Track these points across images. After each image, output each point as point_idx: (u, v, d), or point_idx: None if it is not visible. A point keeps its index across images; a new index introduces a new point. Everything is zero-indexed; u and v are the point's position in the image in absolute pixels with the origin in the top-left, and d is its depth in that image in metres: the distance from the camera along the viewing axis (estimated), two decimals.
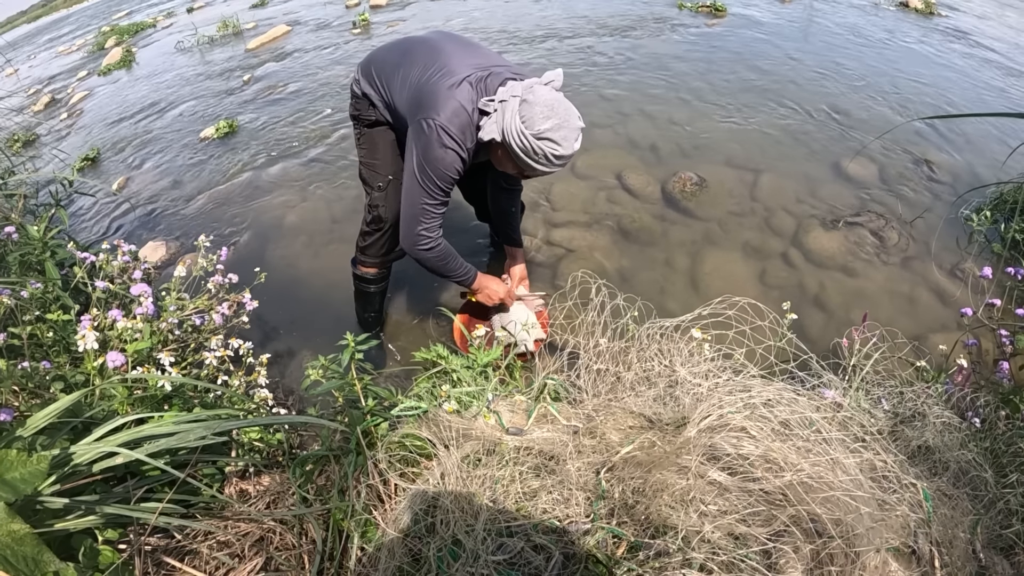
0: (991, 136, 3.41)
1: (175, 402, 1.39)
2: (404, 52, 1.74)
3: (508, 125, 1.51)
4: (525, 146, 1.51)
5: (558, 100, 1.51)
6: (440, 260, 1.76)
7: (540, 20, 5.81)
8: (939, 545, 1.06)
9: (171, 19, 10.02)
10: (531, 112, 1.48)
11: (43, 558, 0.77)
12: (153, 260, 2.91)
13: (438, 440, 1.27)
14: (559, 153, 1.51)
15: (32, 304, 1.69)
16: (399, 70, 1.70)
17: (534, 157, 1.52)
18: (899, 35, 5.12)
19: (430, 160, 1.58)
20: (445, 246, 1.75)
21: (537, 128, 1.48)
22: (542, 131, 1.48)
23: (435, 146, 1.56)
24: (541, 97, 1.49)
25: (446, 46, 1.69)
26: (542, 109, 1.48)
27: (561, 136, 1.49)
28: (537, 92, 1.51)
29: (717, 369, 1.40)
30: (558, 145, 1.49)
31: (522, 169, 1.61)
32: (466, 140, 1.58)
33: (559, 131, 1.48)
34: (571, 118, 1.51)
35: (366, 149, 1.92)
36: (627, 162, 3.20)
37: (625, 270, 2.52)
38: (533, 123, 1.48)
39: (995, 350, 1.93)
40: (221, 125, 4.36)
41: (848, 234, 2.61)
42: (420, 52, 1.70)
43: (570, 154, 1.53)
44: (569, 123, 1.50)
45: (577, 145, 1.54)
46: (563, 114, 1.50)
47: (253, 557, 1.12)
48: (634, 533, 1.08)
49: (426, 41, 1.75)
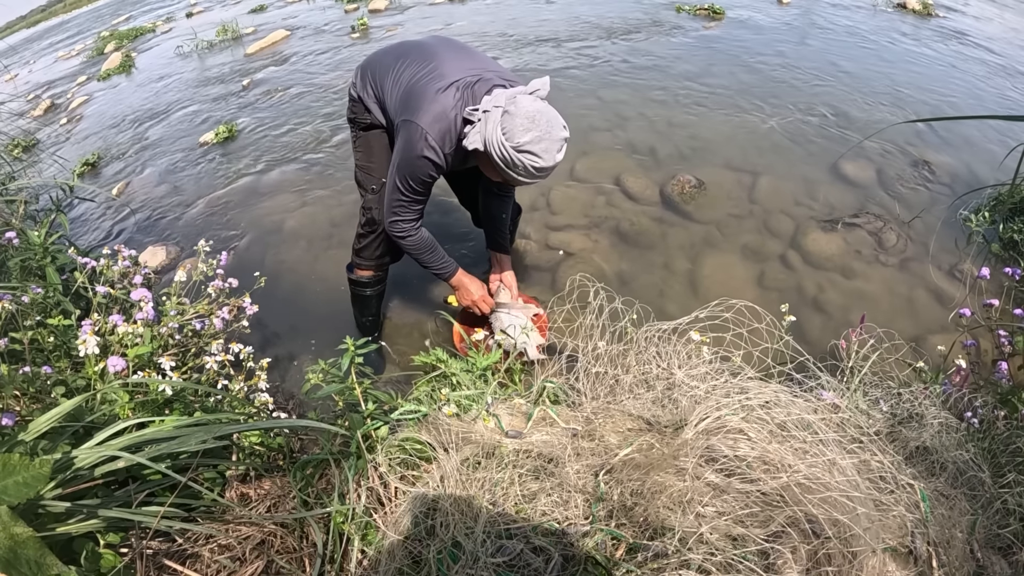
0: (989, 137, 3.42)
1: (176, 406, 1.39)
2: (399, 55, 1.76)
3: (489, 136, 1.50)
4: (505, 157, 1.50)
5: (540, 111, 1.49)
6: (417, 250, 1.82)
7: (538, 23, 5.82)
8: (937, 545, 1.06)
9: (170, 24, 10.04)
10: (512, 124, 1.47)
11: (46, 561, 0.78)
12: (153, 265, 2.92)
13: (438, 443, 1.28)
14: (539, 165, 1.49)
15: (33, 309, 1.70)
16: (392, 71, 1.73)
17: (514, 169, 1.52)
18: (897, 36, 5.14)
19: (407, 160, 1.61)
20: (423, 238, 1.80)
21: (517, 140, 1.46)
22: (522, 144, 1.46)
23: (413, 148, 1.58)
24: (523, 109, 1.48)
25: (441, 50, 1.72)
26: (523, 121, 1.46)
27: (541, 148, 1.47)
28: (519, 103, 1.49)
29: (715, 371, 1.40)
30: (538, 158, 1.48)
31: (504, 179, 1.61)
32: (444, 145, 1.59)
33: (539, 143, 1.47)
34: (553, 130, 1.49)
35: (362, 152, 1.94)
36: (626, 165, 3.21)
37: (624, 273, 2.52)
38: (513, 135, 1.47)
39: (994, 350, 1.94)
40: (220, 130, 4.37)
41: (846, 236, 2.62)
42: (414, 55, 1.72)
43: (551, 166, 1.52)
44: (551, 135, 1.48)
45: (559, 156, 1.52)
46: (544, 126, 1.47)
47: (254, 560, 1.13)
48: (633, 535, 1.09)
49: (422, 45, 1.78)
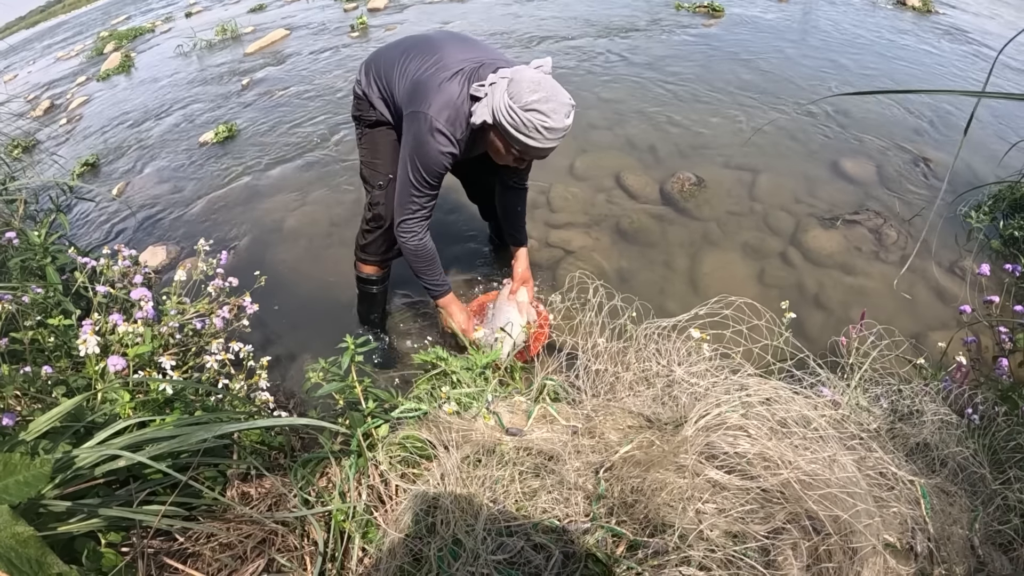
0: (989, 133, 3.41)
1: (176, 405, 1.39)
2: (404, 49, 1.77)
3: (497, 103, 1.54)
4: (514, 120, 1.53)
5: (544, 78, 1.54)
6: (417, 257, 1.79)
7: (538, 22, 5.82)
8: (937, 541, 1.06)
9: (170, 24, 10.05)
10: (518, 88, 1.51)
11: (46, 560, 0.78)
12: (153, 264, 2.92)
13: (438, 441, 1.28)
14: (549, 124, 1.52)
15: (33, 309, 1.70)
16: (398, 65, 1.74)
17: (524, 131, 1.54)
18: (897, 33, 5.13)
19: (420, 151, 1.62)
20: (427, 246, 1.79)
21: (524, 100, 1.50)
22: (529, 103, 1.50)
23: (425, 137, 1.59)
24: (527, 75, 1.53)
25: (445, 42, 1.74)
26: (528, 84, 1.51)
27: (550, 108, 1.51)
28: (523, 71, 1.54)
29: (715, 368, 1.40)
30: (547, 117, 1.51)
31: (519, 152, 1.62)
32: (456, 131, 1.61)
33: (547, 103, 1.50)
34: (559, 94, 1.53)
35: (367, 149, 1.94)
36: (625, 163, 3.21)
37: (624, 271, 2.52)
38: (520, 96, 1.50)
39: (994, 347, 1.94)
40: (220, 129, 4.37)
41: (847, 233, 2.62)
42: (419, 48, 1.74)
43: (561, 127, 1.54)
44: (557, 98, 1.52)
45: (568, 121, 1.55)
46: (550, 89, 1.52)
47: (255, 559, 1.13)
48: (633, 532, 1.09)
49: (426, 38, 1.79)
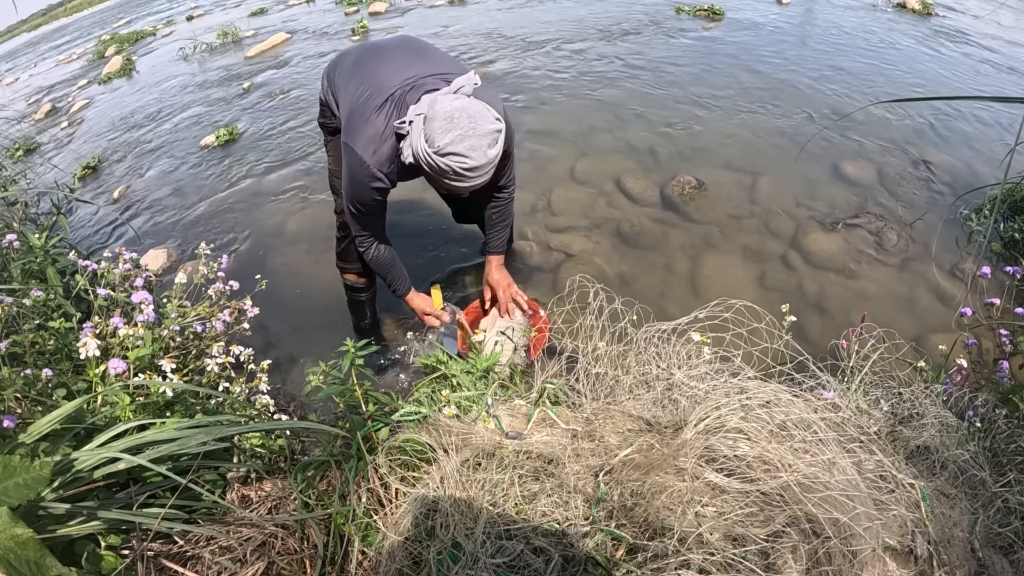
0: (989, 135, 3.42)
1: (177, 408, 1.40)
2: (355, 61, 1.72)
3: (415, 147, 1.44)
4: (432, 165, 1.42)
5: (460, 109, 1.38)
6: (375, 265, 1.83)
7: (538, 25, 5.83)
8: (937, 544, 1.06)
9: (171, 27, 10.07)
10: (431, 129, 1.38)
11: (46, 562, 0.78)
12: (154, 268, 2.92)
13: (438, 444, 1.28)
14: (469, 165, 1.39)
15: (34, 312, 1.70)
16: (344, 83, 1.69)
17: (446, 175, 1.43)
18: (897, 36, 5.14)
19: (351, 184, 1.59)
20: (381, 256, 1.80)
21: (438, 144, 1.37)
22: (443, 146, 1.37)
23: (354, 171, 1.56)
24: (440, 111, 1.38)
25: (391, 55, 1.66)
26: (441, 123, 1.37)
27: (467, 147, 1.37)
28: (437, 106, 1.40)
29: (715, 372, 1.40)
30: (465, 158, 1.38)
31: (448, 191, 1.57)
32: (383, 167, 1.53)
33: (463, 142, 1.36)
34: (478, 125, 1.38)
35: (332, 156, 1.92)
36: (626, 166, 3.21)
37: (625, 274, 2.52)
38: (434, 140, 1.38)
39: (995, 349, 1.93)
40: (221, 133, 4.38)
41: (847, 236, 2.62)
42: (366, 60, 1.67)
43: (484, 162, 1.41)
44: (476, 130, 1.37)
45: (492, 152, 1.41)
46: (466, 123, 1.37)
47: (255, 562, 1.13)
48: (633, 535, 1.09)
49: (376, 49, 1.72)
